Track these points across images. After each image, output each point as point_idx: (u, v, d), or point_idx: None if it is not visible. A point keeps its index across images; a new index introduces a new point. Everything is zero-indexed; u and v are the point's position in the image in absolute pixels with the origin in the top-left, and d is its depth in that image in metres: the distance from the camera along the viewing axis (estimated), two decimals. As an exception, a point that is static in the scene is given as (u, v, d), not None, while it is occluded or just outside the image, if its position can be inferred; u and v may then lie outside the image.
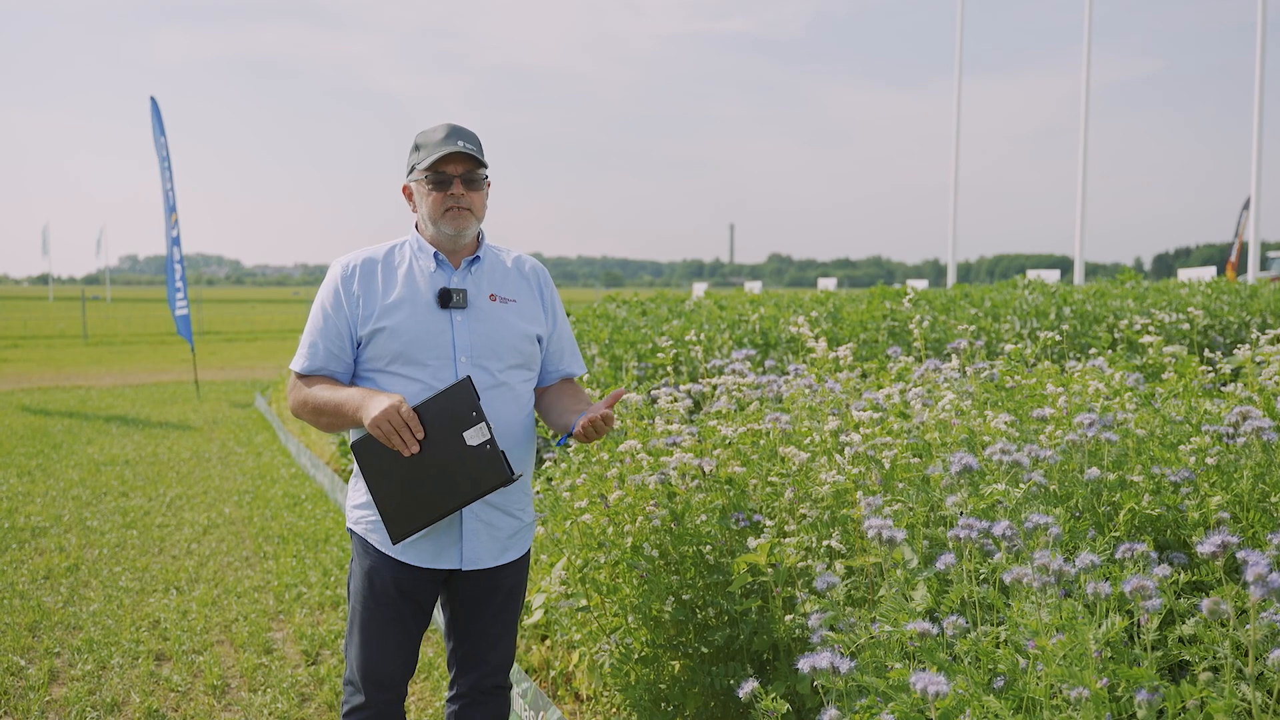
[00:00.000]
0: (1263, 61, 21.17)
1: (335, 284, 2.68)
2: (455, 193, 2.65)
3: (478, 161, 2.67)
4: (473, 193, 2.68)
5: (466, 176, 2.66)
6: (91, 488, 8.52)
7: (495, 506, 2.70)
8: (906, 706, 1.98)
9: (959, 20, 26.98)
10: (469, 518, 2.67)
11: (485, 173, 2.71)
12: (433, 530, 2.64)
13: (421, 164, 2.65)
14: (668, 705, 3.39)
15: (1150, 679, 1.96)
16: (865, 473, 3.16)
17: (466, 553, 2.68)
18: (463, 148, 2.62)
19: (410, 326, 2.62)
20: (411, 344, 2.62)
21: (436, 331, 2.63)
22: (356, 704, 2.72)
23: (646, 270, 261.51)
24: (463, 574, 2.72)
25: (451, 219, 2.66)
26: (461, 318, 2.66)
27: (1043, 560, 2.14)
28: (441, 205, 2.65)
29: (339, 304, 2.67)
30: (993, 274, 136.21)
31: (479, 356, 2.65)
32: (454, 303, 2.64)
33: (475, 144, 2.68)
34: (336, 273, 2.70)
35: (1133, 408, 3.59)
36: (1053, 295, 9.50)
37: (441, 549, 2.67)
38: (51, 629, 5.04)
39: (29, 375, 19.09)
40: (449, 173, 2.64)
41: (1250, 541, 2.71)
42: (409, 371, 2.62)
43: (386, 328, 2.62)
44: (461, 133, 2.67)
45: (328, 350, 2.67)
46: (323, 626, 5.08)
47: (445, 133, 2.65)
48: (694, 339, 6.11)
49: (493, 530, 2.71)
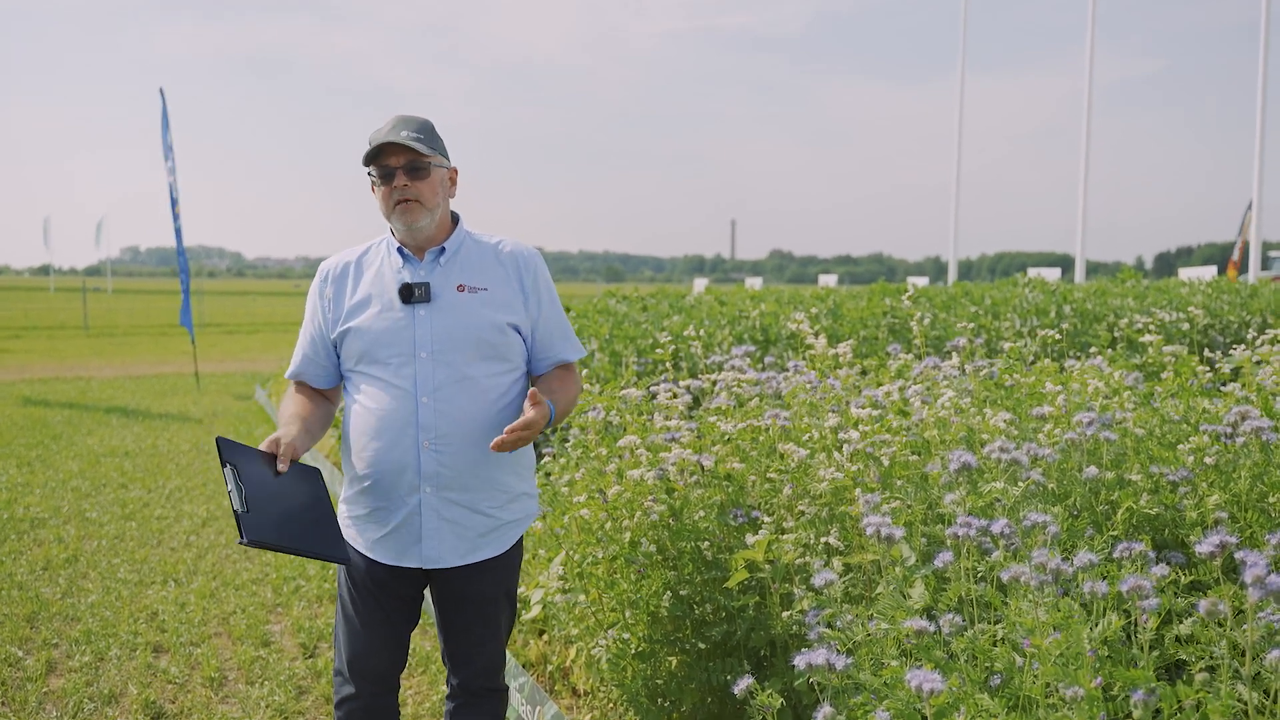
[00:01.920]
0: (1266, 61, 21.13)
1: (314, 289, 2.74)
2: (398, 185, 2.59)
3: (418, 151, 2.58)
4: (418, 182, 2.60)
5: (410, 166, 2.59)
6: (91, 479, 8.52)
7: (460, 504, 2.63)
8: (901, 704, 1.98)
9: (963, 18, 26.94)
10: (429, 515, 2.61)
11: (432, 160, 2.61)
12: (394, 528, 2.63)
13: (365, 160, 2.62)
14: (664, 700, 3.39)
15: (1146, 679, 1.96)
16: (864, 470, 3.16)
17: (426, 551, 2.63)
18: (402, 138, 2.56)
19: (373, 325, 2.62)
20: (374, 343, 2.61)
21: (398, 329, 2.61)
22: (347, 694, 2.74)
23: (648, 265, 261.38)
24: (439, 572, 2.69)
25: (401, 213, 2.61)
26: (425, 312, 2.61)
27: (1040, 559, 2.14)
28: (390, 199, 2.62)
29: (314, 310, 2.73)
30: (994, 272, 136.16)
31: (440, 350, 2.59)
32: (416, 297, 2.60)
33: (422, 132, 2.62)
34: (317, 278, 2.75)
35: (1132, 407, 3.59)
36: (1053, 293, 9.49)
37: (404, 547, 2.64)
38: (49, 620, 5.04)
39: (30, 366, 19.09)
40: (391, 165, 2.59)
41: (1248, 541, 2.71)
42: (373, 370, 2.62)
43: (352, 328, 2.64)
44: (405, 122, 2.61)
45: (304, 355, 2.75)
46: (320, 619, 5.09)
47: (389, 126, 2.61)
48: (694, 335, 6.10)
49: (458, 528, 2.64)
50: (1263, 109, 21.05)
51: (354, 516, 2.71)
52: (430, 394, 2.58)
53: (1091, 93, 24.10)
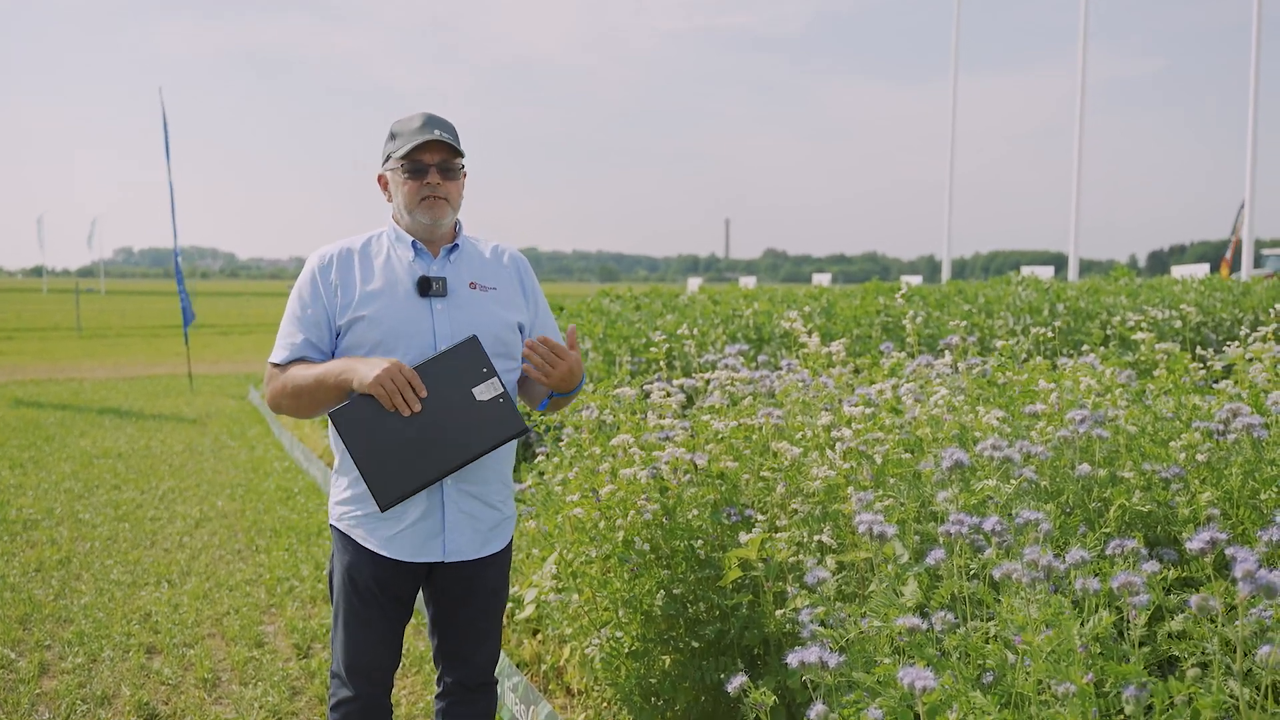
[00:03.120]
0: (1258, 61, 21.21)
1: (313, 273, 2.67)
2: (431, 181, 2.63)
3: (454, 150, 2.65)
4: (449, 182, 2.66)
5: (443, 165, 2.64)
6: (84, 480, 8.50)
7: (477, 498, 2.68)
8: (894, 701, 1.98)
9: (955, 18, 26.98)
10: (451, 509, 2.65)
11: (462, 162, 2.69)
12: (415, 522, 2.63)
13: (398, 152, 2.63)
14: (658, 699, 3.39)
15: (1138, 675, 1.97)
16: (857, 468, 3.16)
17: (449, 544, 2.67)
18: (439, 135, 2.60)
19: (390, 315, 2.61)
20: (391, 332, 2.60)
21: (417, 319, 2.62)
22: (344, 696, 2.73)
23: (642, 265, 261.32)
24: (444, 568, 2.71)
25: (428, 208, 2.64)
26: (442, 306, 2.64)
27: (1033, 556, 2.15)
28: (418, 194, 2.64)
29: (317, 294, 2.65)
30: (988, 270, 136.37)
31: None
32: (434, 290, 2.63)
33: (451, 133, 2.66)
34: (314, 263, 2.69)
35: (1124, 404, 3.60)
36: (1046, 292, 9.51)
37: (424, 541, 2.65)
38: (42, 622, 5.02)
39: (22, 367, 19.03)
40: (425, 161, 2.63)
41: (1240, 538, 2.72)
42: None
43: (366, 316, 2.61)
44: (438, 122, 2.65)
45: (307, 340, 2.65)
46: (314, 620, 5.08)
47: (421, 121, 2.64)
48: (687, 334, 6.10)
49: (475, 522, 2.69)
50: (1255, 108, 21.11)
51: (364, 515, 2.67)
52: None
53: (1085, 92, 24.15)
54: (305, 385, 2.58)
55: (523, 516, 3.90)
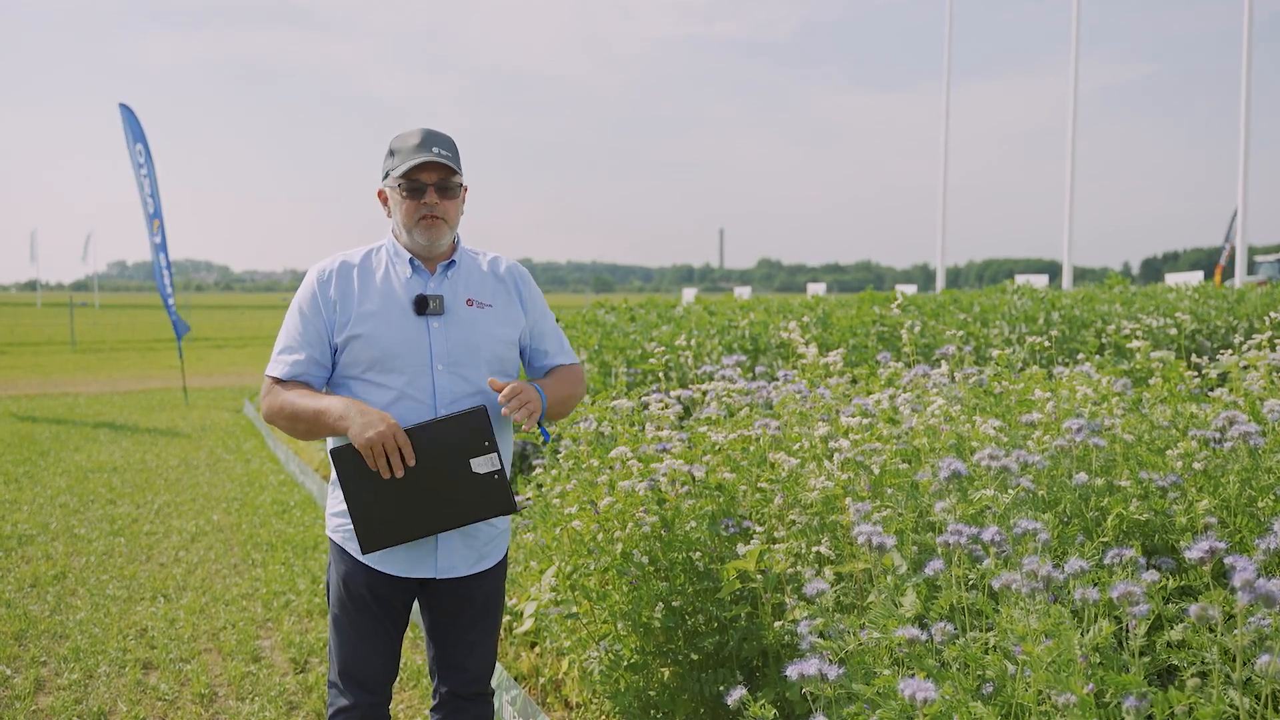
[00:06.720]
0: (1249, 67, 21.31)
1: (313, 288, 2.66)
2: (429, 201, 2.62)
3: (452, 170, 2.64)
4: (446, 201, 2.65)
5: (441, 185, 2.63)
6: (79, 495, 8.47)
7: None
8: (894, 713, 1.98)
9: (947, 24, 27.11)
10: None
11: (460, 180, 2.68)
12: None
13: (395, 171, 2.62)
14: (657, 712, 3.38)
15: (1138, 685, 1.97)
16: (854, 479, 3.16)
17: (441, 562, 2.67)
18: (437, 155, 2.59)
19: (386, 333, 2.60)
20: (387, 351, 2.60)
21: (413, 339, 2.61)
22: (342, 705, 2.73)
23: (636, 275, 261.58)
24: (438, 582, 2.71)
25: (425, 228, 2.64)
26: (438, 324, 2.64)
27: (1031, 566, 2.15)
28: (415, 214, 2.63)
29: (317, 308, 2.64)
30: (981, 278, 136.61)
31: (456, 364, 2.63)
32: (430, 309, 2.62)
33: (451, 150, 2.66)
34: (313, 277, 2.68)
35: (1120, 413, 3.61)
36: (1041, 300, 9.52)
37: (417, 559, 2.66)
38: (38, 638, 5.00)
39: (16, 382, 18.98)
40: (423, 181, 2.62)
41: (1238, 546, 2.72)
42: (385, 379, 2.60)
43: (362, 335, 2.60)
44: (437, 139, 2.64)
45: (309, 356, 2.63)
46: (311, 634, 5.06)
47: (420, 139, 2.62)
48: (684, 345, 6.11)
49: (469, 539, 2.69)
50: (1247, 115, 21.22)
51: None
52: (449, 406, 2.61)
53: (1077, 98, 24.27)
54: (304, 415, 2.57)
55: (520, 529, 3.90)
